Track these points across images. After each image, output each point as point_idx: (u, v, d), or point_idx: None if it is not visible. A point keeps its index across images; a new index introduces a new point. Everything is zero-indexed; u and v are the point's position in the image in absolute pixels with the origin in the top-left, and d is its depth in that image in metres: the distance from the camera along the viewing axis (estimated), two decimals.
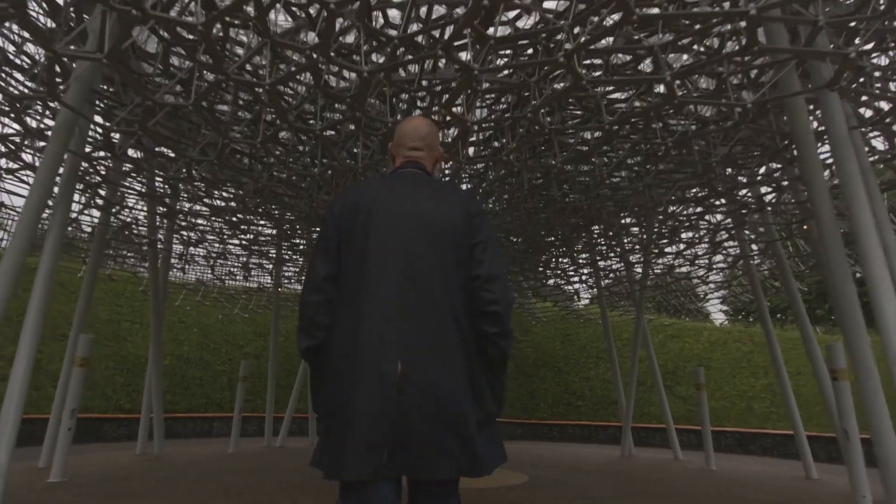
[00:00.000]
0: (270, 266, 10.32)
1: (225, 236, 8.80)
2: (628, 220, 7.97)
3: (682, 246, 8.99)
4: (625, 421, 10.35)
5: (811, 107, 4.76)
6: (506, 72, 4.72)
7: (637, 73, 4.30)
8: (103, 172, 6.30)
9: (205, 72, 4.21)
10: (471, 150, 5.97)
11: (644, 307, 10.67)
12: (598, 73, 4.38)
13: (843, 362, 4.97)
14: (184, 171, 5.37)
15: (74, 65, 4.50)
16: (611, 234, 7.77)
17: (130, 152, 6.55)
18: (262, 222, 7.91)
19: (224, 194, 7.15)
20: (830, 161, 5.22)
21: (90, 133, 5.70)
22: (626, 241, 9.39)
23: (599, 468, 8.05)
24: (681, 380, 15.21)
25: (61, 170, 4.66)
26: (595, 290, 11.65)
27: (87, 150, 5.95)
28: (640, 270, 10.78)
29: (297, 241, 9.11)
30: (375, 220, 1.49)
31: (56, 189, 4.67)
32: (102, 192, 6.87)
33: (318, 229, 8.82)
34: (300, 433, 13.61)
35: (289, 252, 9.93)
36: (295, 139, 5.80)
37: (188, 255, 9.49)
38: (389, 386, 1.36)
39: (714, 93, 4.22)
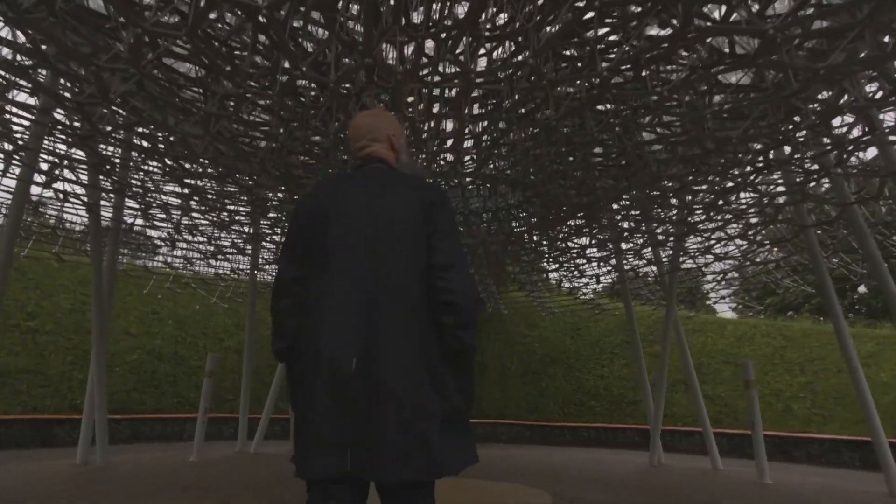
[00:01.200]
0: (244, 244, 8.89)
1: (185, 203, 7.41)
2: (669, 181, 6.52)
3: (720, 219, 7.60)
4: (654, 425, 8.95)
5: None
6: None
7: None
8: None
9: None
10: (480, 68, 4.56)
11: (675, 294, 9.27)
12: None
13: None
14: (93, 88, 3.96)
15: None
16: (655, 195, 6.32)
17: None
18: (215, 174, 6.48)
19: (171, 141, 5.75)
20: None
21: None
22: (657, 213, 7.97)
23: (632, 482, 6.66)
24: (706, 377, 13.80)
25: None
26: (616, 274, 10.22)
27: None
28: (668, 250, 9.39)
29: (271, 203, 7.70)
30: (335, 220, 1.49)
31: None
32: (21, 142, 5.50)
33: (293, 194, 7.45)
34: (284, 436, 12.24)
35: (266, 224, 8.52)
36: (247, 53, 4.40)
37: (144, 227, 8.08)
38: (345, 384, 1.34)
39: None
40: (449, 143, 5.19)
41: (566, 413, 14.31)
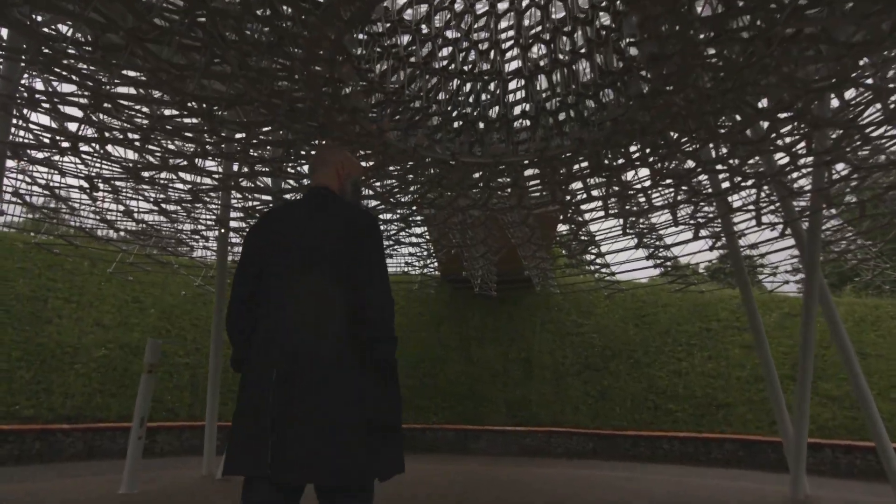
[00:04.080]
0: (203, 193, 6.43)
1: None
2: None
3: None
4: (795, 444, 6.08)
5: None
6: None
7: None
8: None
9: None
10: None
11: (819, 248, 6.36)
12: None
13: None
14: None
15: None
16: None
17: None
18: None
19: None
20: None
21: None
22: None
23: None
24: (822, 373, 10.71)
25: None
26: (720, 223, 7.31)
27: None
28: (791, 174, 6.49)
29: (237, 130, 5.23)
30: (279, 241, 1.64)
31: None
32: None
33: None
34: None
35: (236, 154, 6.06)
36: None
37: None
38: (273, 391, 1.45)
39: None
40: None
41: (637, 420, 11.42)
